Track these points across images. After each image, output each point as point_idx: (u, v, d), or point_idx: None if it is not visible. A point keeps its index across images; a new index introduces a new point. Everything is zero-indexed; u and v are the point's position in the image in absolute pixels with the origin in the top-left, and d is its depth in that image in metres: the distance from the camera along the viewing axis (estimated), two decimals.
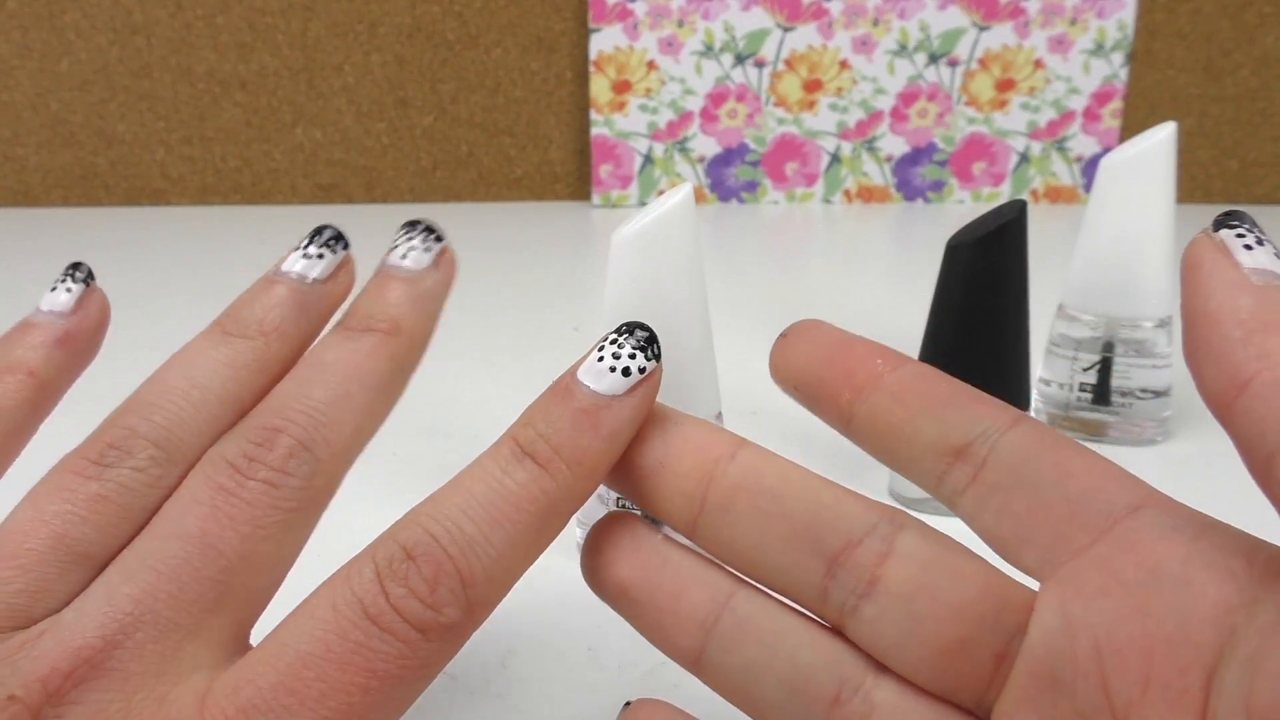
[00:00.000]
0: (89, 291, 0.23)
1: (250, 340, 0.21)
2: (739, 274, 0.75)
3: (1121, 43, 0.88)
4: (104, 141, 0.92)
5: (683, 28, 0.88)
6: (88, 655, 0.16)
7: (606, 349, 0.20)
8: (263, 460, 0.19)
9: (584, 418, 0.19)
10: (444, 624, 0.17)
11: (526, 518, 0.18)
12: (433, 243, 0.23)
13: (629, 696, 0.30)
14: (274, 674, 0.17)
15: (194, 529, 0.18)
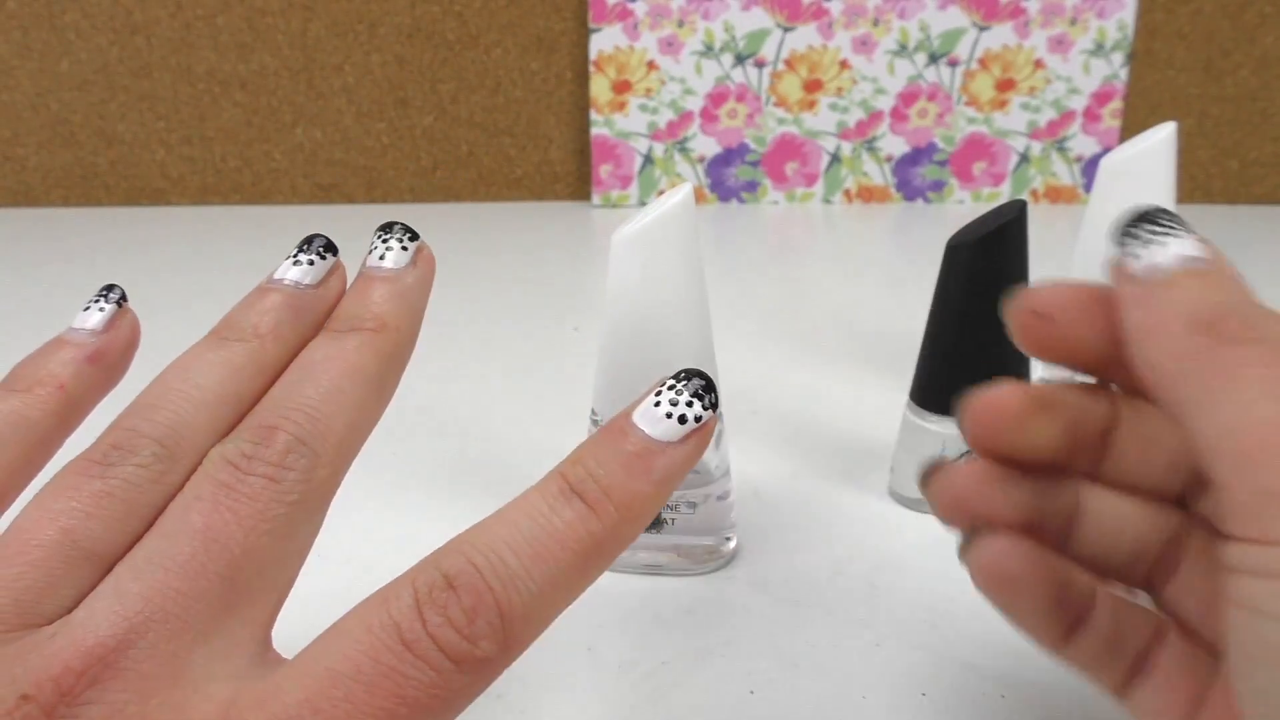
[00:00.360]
0: (120, 312, 0.24)
1: (246, 343, 0.21)
2: (739, 274, 0.75)
3: (1121, 43, 0.88)
4: (104, 141, 0.92)
5: (683, 28, 0.88)
6: (101, 654, 0.16)
7: (664, 394, 0.20)
8: (262, 457, 0.19)
9: (637, 462, 0.19)
10: (478, 657, 0.17)
11: (570, 557, 0.18)
12: (409, 241, 0.23)
13: (629, 696, 0.30)
14: (301, 691, 0.17)
15: (198, 525, 0.18)
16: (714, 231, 0.87)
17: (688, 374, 0.21)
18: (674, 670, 0.31)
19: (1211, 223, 0.87)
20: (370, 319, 0.22)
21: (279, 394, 0.21)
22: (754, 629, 0.33)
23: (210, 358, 0.21)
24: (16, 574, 0.17)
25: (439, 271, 0.25)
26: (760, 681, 0.31)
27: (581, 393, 0.53)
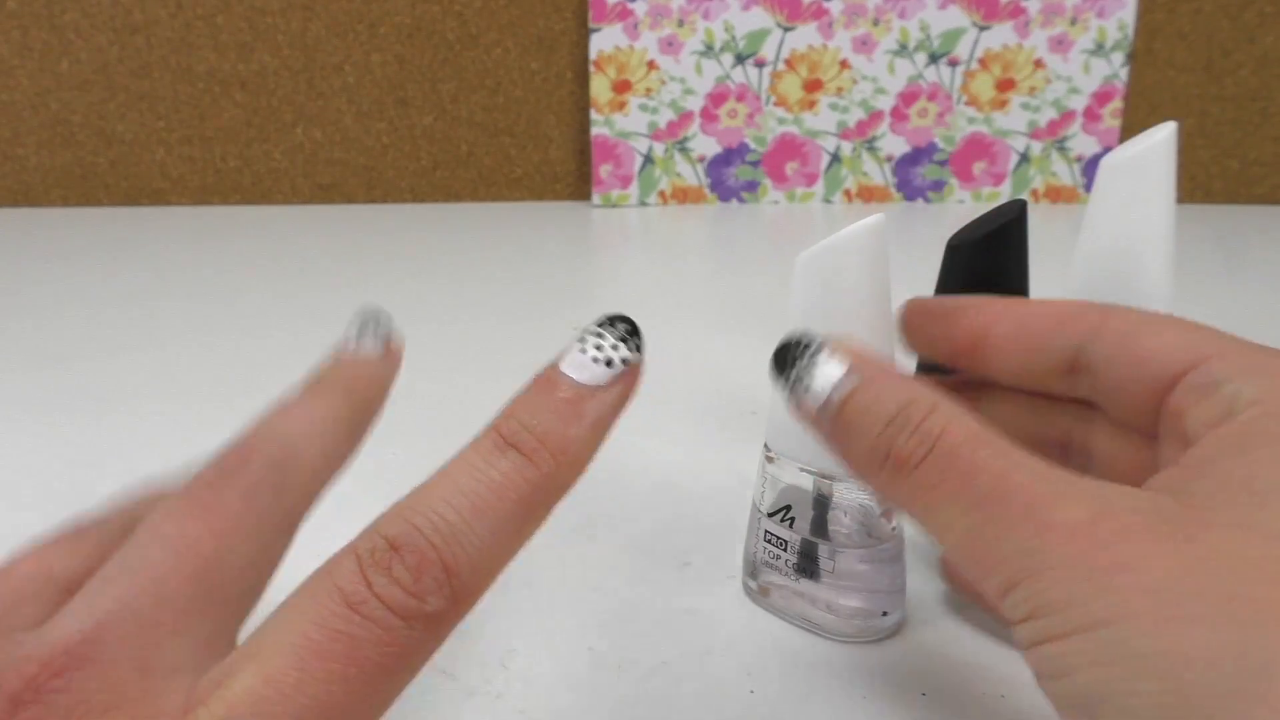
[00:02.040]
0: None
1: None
2: (739, 274, 0.75)
3: (1121, 43, 0.88)
4: (104, 141, 0.92)
5: (683, 27, 0.88)
6: (67, 648, 0.16)
7: (589, 340, 0.20)
8: (237, 476, 0.19)
9: (568, 408, 0.19)
10: (428, 612, 0.17)
11: (510, 507, 0.18)
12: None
13: (629, 696, 0.30)
14: (255, 666, 0.16)
15: (170, 531, 0.18)
16: (714, 231, 0.87)
17: (612, 319, 0.21)
18: (674, 670, 0.31)
19: (1211, 223, 0.87)
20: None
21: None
22: (754, 629, 0.33)
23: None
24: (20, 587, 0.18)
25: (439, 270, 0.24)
26: (760, 681, 0.31)
27: None
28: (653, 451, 0.46)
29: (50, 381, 0.51)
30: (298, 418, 0.21)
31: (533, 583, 0.35)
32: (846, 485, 0.31)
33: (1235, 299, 0.65)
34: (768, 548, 0.33)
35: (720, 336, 0.61)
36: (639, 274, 0.77)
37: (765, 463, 0.33)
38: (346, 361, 0.23)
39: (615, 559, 0.37)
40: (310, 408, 0.21)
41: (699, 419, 0.49)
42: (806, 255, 0.30)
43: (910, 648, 0.33)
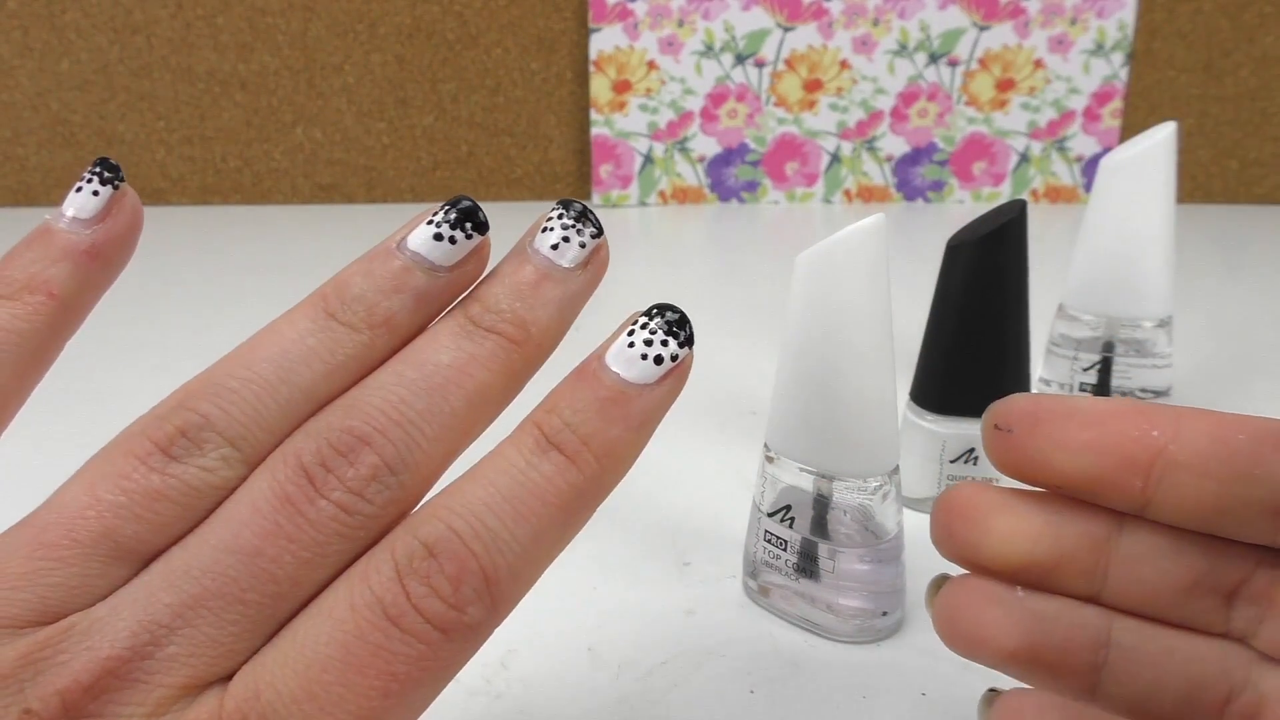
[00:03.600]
0: (118, 194, 0.20)
1: (356, 332, 0.18)
2: (739, 274, 0.75)
3: (1121, 43, 0.88)
4: (104, 141, 0.92)
5: (683, 28, 0.88)
6: (113, 667, 0.16)
7: (637, 333, 0.19)
8: (340, 475, 0.17)
9: (613, 408, 0.18)
10: (467, 624, 0.17)
11: (553, 512, 0.17)
12: (589, 236, 0.20)
13: (629, 696, 0.30)
14: (293, 678, 0.16)
15: (248, 546, 0.16)
16: (714, 231, 0.87)
17: (659, 309, 0.19)
18: (674, 670, 0.31)
19: (1211, 223, 0.87)
20: (513, 322, 0.19)
21: (382, 391, 0.18)
22: (754, 629, 0.33)
23: (312, 344, 0.18)
24: (48, 568, 0.16)
25: None
26: (760, 681, 0.31)
27: None
28: (653, 451, 0.46)
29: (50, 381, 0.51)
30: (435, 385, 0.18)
31: None
32: (846, 485, 0.31)
33: (1235, 299, 0.65)
34: (768, 548, 0.33)
35: (720, 336, 0.61)
36: (639, 274, 0.77)
37: (765, 463, 0.33)
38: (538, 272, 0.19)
39: (615, 559, 0.37)
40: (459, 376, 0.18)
41: (699, 419, 0.49)
42: (806, 255, 0.30)
43: (910, 648, 0.33)
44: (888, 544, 0.32)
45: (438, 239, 0.19)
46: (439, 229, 0.19)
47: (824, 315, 0.30)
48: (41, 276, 0.19)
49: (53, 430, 0.45)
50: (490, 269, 0.20)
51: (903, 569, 0.33)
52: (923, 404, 0.39)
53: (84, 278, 0.19)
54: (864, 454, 0.31)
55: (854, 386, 0.30)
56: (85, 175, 0.20)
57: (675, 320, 0.19)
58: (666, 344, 0.19)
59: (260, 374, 0.18)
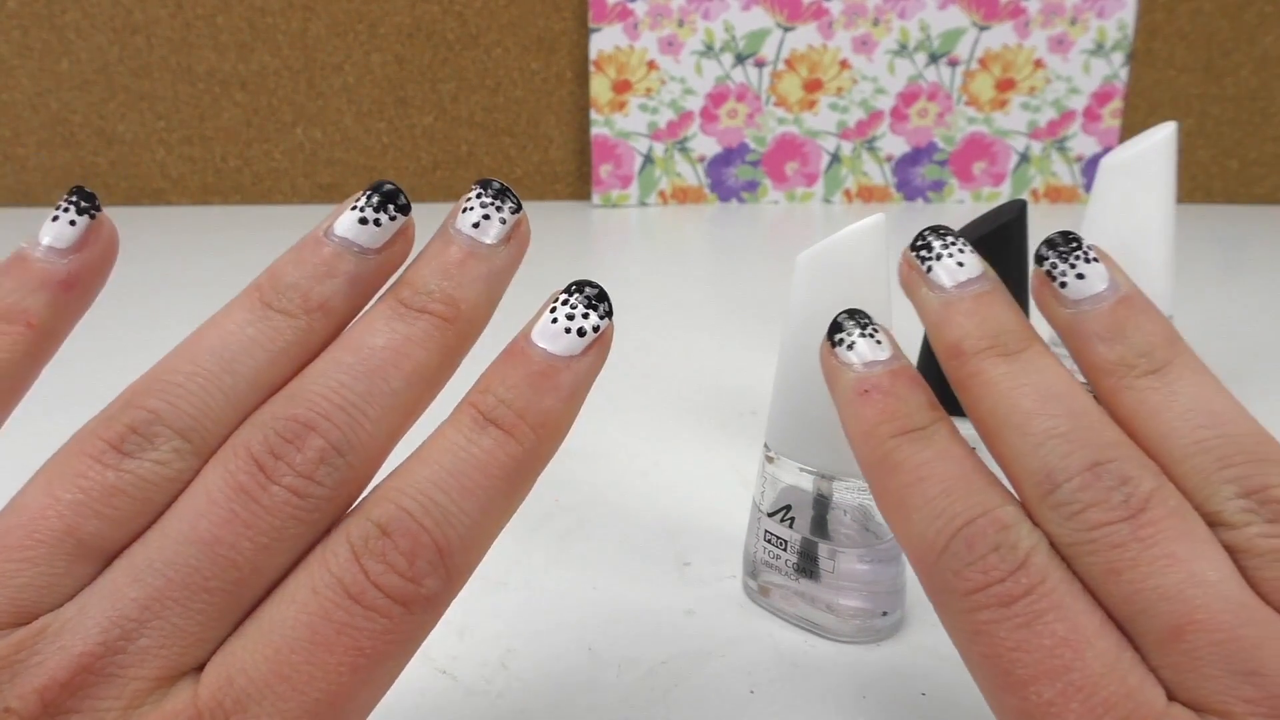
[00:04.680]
0: (95, 224, 0.20)
1: (293, 319, 0.19)
2: (739, 274, 0.75)
3: (1121, 43, 0.88)
4: (104, 141, 0.92)
5: (683, 27, 0.88)
6: (87, 663, 0.16)
7: (559, 310, 0.20)
8: (289, 460, 0.17)
9: (543, 381, 0.19)
10: (425, 595, 0.17)
11: (497, 483, 0.18)
12: (509, 213, 0.21)
13: (629, 696, 0.30)
14: (264, 662, 0.17)
15: (207, 535, 0.17)
16: (714, 231, 0.87)
17: (578, 285, 0.20)
18: (674, 670, 0.31)
19: (1211, 223, 0.87)
20: (442, 300, 0.19)
21: (322, 378, 0.18)
22: (754, 629, 0.33)
23: (251, 333, 0.19)
24: (15, 569, 0.16)
25: None
26: (760, 681, 0.31)
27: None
28: (653, 451, 0.46)
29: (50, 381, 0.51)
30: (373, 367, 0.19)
31: (532, 583, 0.35)
32: (846, 485, 0.31)
33: (1235, 299, 0.65)
34: (768, 548, 0.33)
35: (720, 336, 0.61)
36: (639, 274, 0.77)
37: (765, 463, 0.33)
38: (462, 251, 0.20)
39: (615, 559, 0.37)
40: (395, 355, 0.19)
41: (699, 419, 0.49)
42: (806, 255, 0.30)
43: (910, 648, 0.33)
44: (888, 544, 0.32)
45: (363, 223, 0.20)
46: (363, 213, 0.20)
47: (824, 315, 0.30)
48: (19, 306, 0.19)
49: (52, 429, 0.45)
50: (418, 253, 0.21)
51: (903, 569, 0.33)
52: None
53: (61, 307, 0.20)
54: None
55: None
56: (61, 204, 0.20)
57: (594, 295, 0.20)
58: (588, 317, 0.20)
59: (204, 367, 0.18)
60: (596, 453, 0.46)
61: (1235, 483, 0.18)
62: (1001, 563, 0.18)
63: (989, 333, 0.21)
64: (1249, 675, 0.16)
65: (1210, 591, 0.17)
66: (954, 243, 0.22)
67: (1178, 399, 0.20)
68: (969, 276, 0.22)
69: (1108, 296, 0.21)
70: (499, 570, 0.36)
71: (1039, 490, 0.19)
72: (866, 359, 0.22)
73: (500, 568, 0.36)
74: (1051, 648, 0.17)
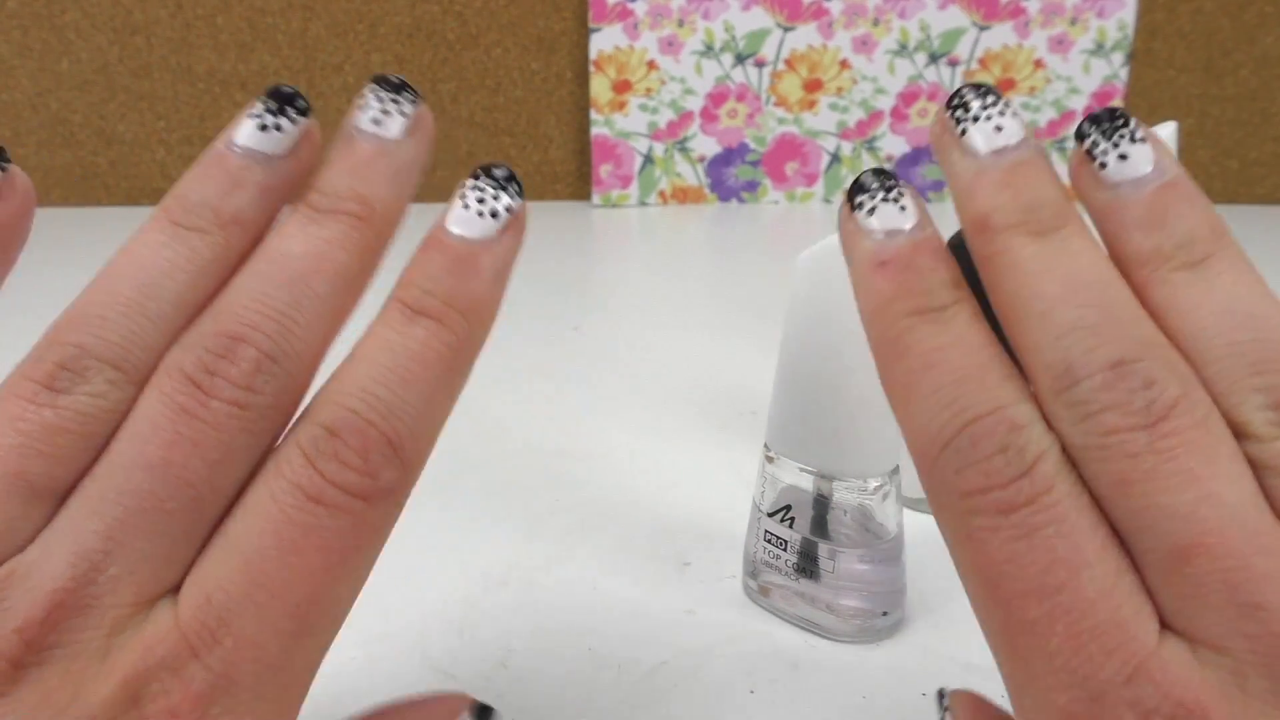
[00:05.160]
0: (6, 177, 0.20)
1: (207, 235, 0.19)
2: (739, 274, 0.75)
3: (1121, 43, 0.88)
4: (104, 141, 0.92)
5: (683, 27, 0.88)
6: (61, 599, 0.16)
7: (470, 195, 0.20)
8: (225, 375, 0.17)
9: (465, 266, 0.19)
10: (383, 487, 0.18)
11: (435, 372, 0.18)
12: (407, 104, 0.20)
13: (629, 696, 0.30)
14: (237, 575, 0.17)
15: (156, 458, 0.17)
16: (714, 231, 0.87)
17: (484, 168, 0.20)
18: (675, 670, 0.31)
19: None
20: (355, 200, 0.19)
21: (245, 291, 0.18)
22: (754, 629, 0.33)
23: (168, 255, 0.19)
24: None
25: None
26: (760, 681, 0.31)
27: (582, 392, 0.53)
28: (653, 451, 0.46)
29: None
30: (294, 273, 0.18)
31: (533, 583, 0.35)
32: (846, 485, 0.31)
33: None
34: (768, 547, 0.33)
35: (720, 336, 0.61)
36: (639, 274, 0.77)
37: (765, 463, 0.33)
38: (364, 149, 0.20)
39: (615, 559, 0.37)
40: (312, 259, 0.19)
41: (699, 419, 0.49)
42: (806, 255, 0.30)
43: (910, 648, 0.33)
44: (888, 544, 0.32)
45: (263, 129, 0.19)
46: (262, 119, 0.19)
47: (824, 315, 0.30)
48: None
49: None
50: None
51: (903, 569, 0.33)
52: None
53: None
54: (864, 454, 0.31)
55: (854, 386, 0.30)
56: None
57: (504, 176, 0.20)
58: (499, 198, 0.20)
59: (125, 296, 0.18)
60: (596, 453, 0.46)
61: (1266, 391, 0.17)
62: (1006, 466, 0.17)
63: (1021, 206, 0.19)
64: (1253, 609, 0.15)
65: (1225, 514, 0.16)
66: (995, 103, 0.20)
67: (1214, 296, 0.18)
68: (1007, 143, 0.19)
69: (1151, 180, 0.19)
70: (499, 570, 0.36)
71: (1056, 385, 0.17)
72: (889, 226, 0.20)
73: (500, 568, 0.36)
74: (1045, 565, 0.16)
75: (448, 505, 0.42)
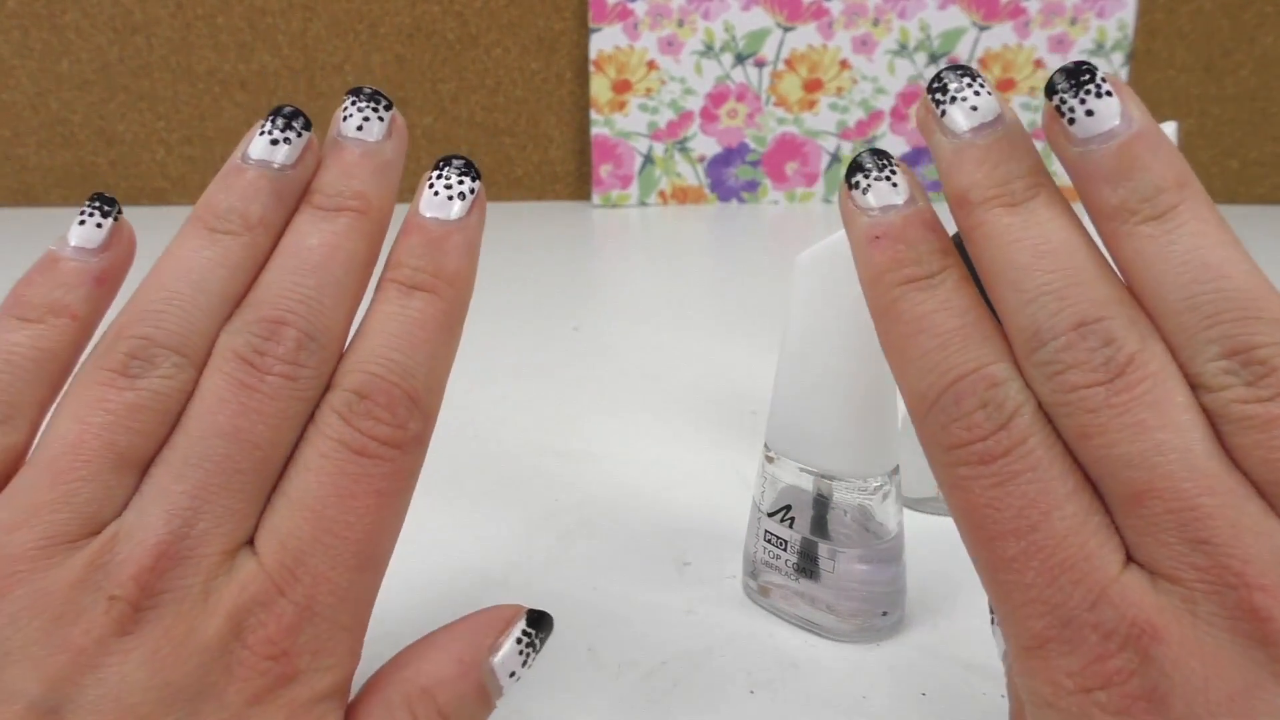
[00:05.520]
0: (118, 226, 0.23)
1: (238, 237, 0.22)
2: (739, 274, 0.75)
3: (1121, 43, 0.88)
4: (104, 141, 0.92)
5: (683, 27, 0.88)
6: (163, 549, 0.19)
7: (438, 183, 0.23)
8: (273, 354, 0.20)
9: (444, 244, 0.23)
10: (413, 435, 0.21)
11: (437, 334, 0.22)
12: (385, 111, 0.24)
13: (629, 696, 0.30)
14: (306, 523, 0.20)
15: (227, 426, 0.20)
16: (714, 231, 0.87)
17: (445, 160, 0.23)
18: (674, 670, 0.31)
19: None
20: (354, 197, 0.23)
21: (278, 281, 0.21)
22: (754, 629, 0.33)
23: (208, 255, 0.22)
24: (74, 489, 0.19)
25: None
26: (760, 681, 0.31)
27: (583, 392, 0.53)
28: (652, 451, 0.46)
29: None
30: (318, 263, 0.22)
31: (533, 583, 0.35)
32: (846, 485, 0.31)
33: None
34: (768, 548, 0.33)
35: (720, 336, 0.61)
36: (639, 274, 0.77)
37: (765, 463, 0.33)
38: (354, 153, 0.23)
39: (615, 559, 0.37)
40: (329, 249, 0.22)
41: (699, 419, 0.49)
42: (806, 255, 0.30)
43: (910, 648, 0.33)
44: (888, 544, 0.32)
45: (274, 144, 0.23)
46: (272, 135, 0.23)
47: (824, 315, 0.30)
48: (63, 302, 0.22)
49: None
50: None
51: (903, 569, 0.33)
52: None
53: (96, 300, 0.23)
54: (864, 454, 0.31)
55: (854, 386, 0.30)
56: (86, 209, 0.23)
57: (462, 165, 0.23)
58: (463, 183, 0.23)
59: (177, 291, 0.21)
60: (596, 453, 0.46)
61: (1219, 342, 0.18)
62: (986, 421, 0.19)
63: (996, 180, 0.21)
64: (1200, 544, 0.17)
65: (1174, 459, 0.17)
66: (972, 83, 0.21)
67: (1174, 249, 0.19)
68: (983, 120, 0.21)
69: (1119, 133, 0.19)
70: (499, 570, 0.36)
71: (1027, 348, 0.19)
72: (883, 202, 0.22)
73: (500, 568, 0.36)
74: (1021, 508, 0.18)
75: (447, 505, 0.42)
